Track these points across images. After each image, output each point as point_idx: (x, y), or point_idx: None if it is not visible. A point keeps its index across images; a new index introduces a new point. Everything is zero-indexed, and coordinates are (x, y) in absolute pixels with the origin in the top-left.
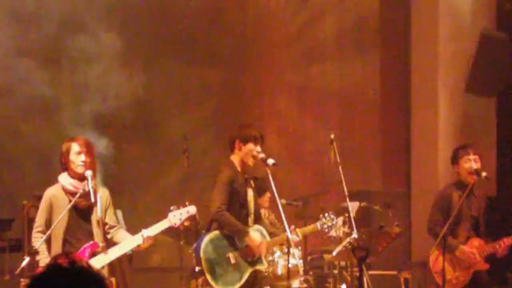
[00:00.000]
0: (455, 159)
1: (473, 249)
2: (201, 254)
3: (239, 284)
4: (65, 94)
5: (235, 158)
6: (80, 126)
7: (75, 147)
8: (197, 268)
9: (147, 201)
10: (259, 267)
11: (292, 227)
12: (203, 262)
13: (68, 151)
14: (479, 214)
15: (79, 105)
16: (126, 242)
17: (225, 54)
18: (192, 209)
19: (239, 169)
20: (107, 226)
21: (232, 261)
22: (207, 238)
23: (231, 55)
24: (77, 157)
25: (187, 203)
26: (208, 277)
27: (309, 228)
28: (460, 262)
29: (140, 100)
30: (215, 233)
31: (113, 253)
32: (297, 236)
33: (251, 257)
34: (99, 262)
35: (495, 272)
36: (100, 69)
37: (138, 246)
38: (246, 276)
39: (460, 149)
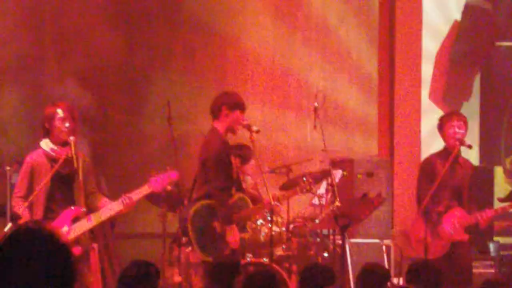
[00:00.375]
0: (440, 126)
1: (453, 219)
2: (189, 225)
3: (225, 252)
4: (48, 54)
5: (220, 125)
6: (63, 86)
7: (60, 112)
8: (183, 239)
9: (130, 167)
10: (242, 235)
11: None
12: (190, 233)
13: (52, 117)
14: (463, 183)
15: (62, 67)
16: (107, 208)
17: (209, 19)
18: (173, 175)
19: (224, 136)
20: (87, 192)
21: (218, 230)
22: (193, 209)
23: (215, 21)
24: (62, 123)
25: (167, 168)
26: (196, 247)
27: (289, 193)
28: (439, 231)
29: (122, 65)
30: (201, 203)
31: (95, 219)
32: (279, 202)
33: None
34: (81, 228)
35: (476, 241)
36: (84, 28)
37: (119, 211)
38: (230, 247)
39: (445, 116)
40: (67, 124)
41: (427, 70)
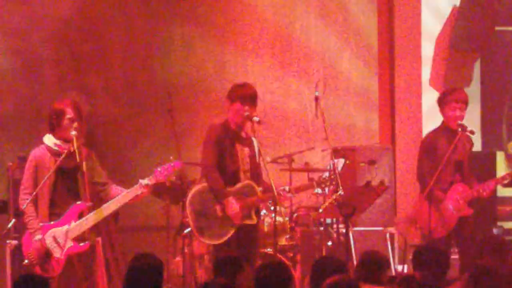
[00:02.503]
0: (440, 103)
1: (456, 195)
2: (187, 205)
3: (225, 238)
4: (47, 50)
5: (229, 116)
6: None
7: (69, 112)
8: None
9: (132, 161)
10: (247, 222)
11: (286, 188)
12: (188, 213)
13: (61, 115)
14: (463, 157)
15: (62, 63)
16: (123, 195)
17: (207, 10)
18: (178, 164)
19: (233, 126)
20: (98, 185)
21: (219, 213)
22: (194, 189)
23: (213, 12)
24: (70, 123)
25: (171, 157)
26: (193, 228)
27: (304, 185)
28: (442, 209)
29: (122, 57)
30: (203, 185)
31: (109, 207)
32: (291, 193)
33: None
34: (89, 221)
35: (480, 226)
36: (84, 20)
37: (136, 196)
38: (233, 230)
39: (447, 94)
40: (75, 125)
41: (427, 50)
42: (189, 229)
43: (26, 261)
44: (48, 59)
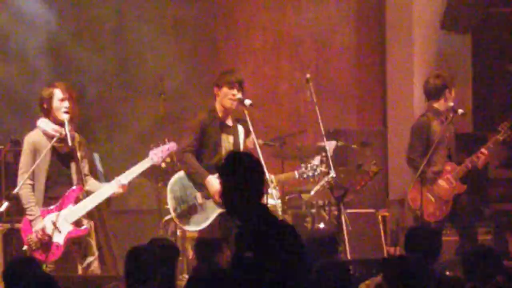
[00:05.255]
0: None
1: (447, 175)
2: (168, 192)
3: (204, 225)
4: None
5: (217, 104)
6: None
7: (58, 93)
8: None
9: (124, 144)
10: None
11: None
12: (168, 200)
13: (51, 97)
14: (451, 138)
15: (52, 48)
16: (101, 191)
17: None
18: (172, 146)
19: (220, 114)
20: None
21: (199, 201)
22: (175, 176)
23: None
24: (60, 103)
25: (166, 140)
26: (173, 215)
27: (286, 175)
28: (440, 192)
29: (114, 41)
30: (183, 172)
31: (90, 202)
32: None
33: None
34: (80, 210)
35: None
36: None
37: (113, 193)
38: (212, 217)
39: (441, 83)
40: (66, 105)
41: (419, 37)
42: (169, 215)
43: (25, 246)
44: (39, 44)
